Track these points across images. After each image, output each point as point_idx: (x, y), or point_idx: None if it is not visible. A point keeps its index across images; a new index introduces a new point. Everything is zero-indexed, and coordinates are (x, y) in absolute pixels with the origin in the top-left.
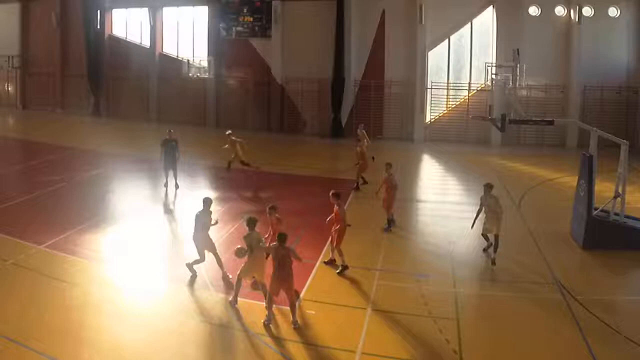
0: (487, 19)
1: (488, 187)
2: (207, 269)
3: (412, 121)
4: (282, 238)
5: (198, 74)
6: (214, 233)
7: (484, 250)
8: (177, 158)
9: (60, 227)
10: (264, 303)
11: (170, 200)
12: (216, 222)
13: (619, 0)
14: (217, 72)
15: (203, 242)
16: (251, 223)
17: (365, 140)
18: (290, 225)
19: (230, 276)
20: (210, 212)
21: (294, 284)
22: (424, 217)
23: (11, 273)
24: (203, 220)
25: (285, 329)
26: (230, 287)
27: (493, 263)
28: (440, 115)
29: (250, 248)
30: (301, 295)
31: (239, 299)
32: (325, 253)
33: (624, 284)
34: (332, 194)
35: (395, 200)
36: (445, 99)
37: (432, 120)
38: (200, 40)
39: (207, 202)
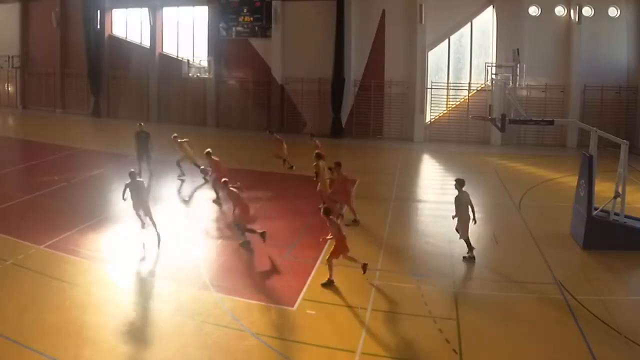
0: (487, 19)
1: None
2: (207, 269)
3: (412, 121)
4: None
5: (198, 74)
6: (215, 231)
7: (465, 258)
8: (150, 149)
9: (60, 227)
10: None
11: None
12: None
13: (619, 0)
14: (217, 72)
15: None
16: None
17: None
18: (291, 225)
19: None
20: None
21: None
22: (424, 217)
23: (11, 273)
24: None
25: (285, 329)
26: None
27: (470, 258)
28: (440, 115)
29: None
30: (302, 292)
31: (238, 298)
32: (325, 253)
33: (624, 284)
34: (322, 210)
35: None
36: (445, 99)
37: (432, 120)
38: (200, 40)
39: (131, 175)
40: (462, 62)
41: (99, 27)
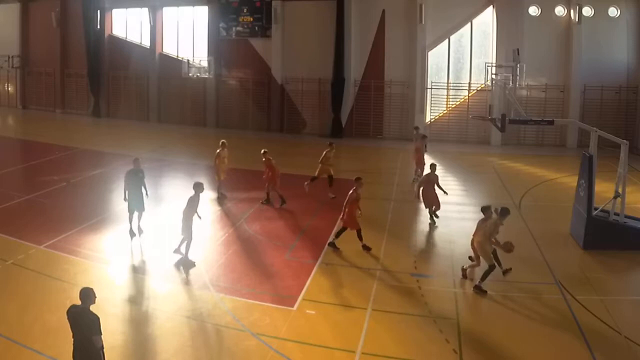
0: (487, 19)
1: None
2: (207, 269)
3: (412, 121)
4: None
5: (198, 74)
6: (215, 232)
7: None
8: (145, 193)
9: (60, 227)
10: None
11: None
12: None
13: (619, 0)
14: (217, 72)
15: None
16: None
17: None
18: (290, 225)
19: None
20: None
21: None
22: (424, 217)
23: (11, 273)
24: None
25: (285, 329)
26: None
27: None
28: (440, 115)
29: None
30: (302, 292)
31: (238, 298)
32: (325, 254)
33: (624, 284)
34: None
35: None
36: (445, 99)
37: (432, 120)
38: (200, 40)
39: (197, 186)
40: (462, 62)
41: (99, 27)
